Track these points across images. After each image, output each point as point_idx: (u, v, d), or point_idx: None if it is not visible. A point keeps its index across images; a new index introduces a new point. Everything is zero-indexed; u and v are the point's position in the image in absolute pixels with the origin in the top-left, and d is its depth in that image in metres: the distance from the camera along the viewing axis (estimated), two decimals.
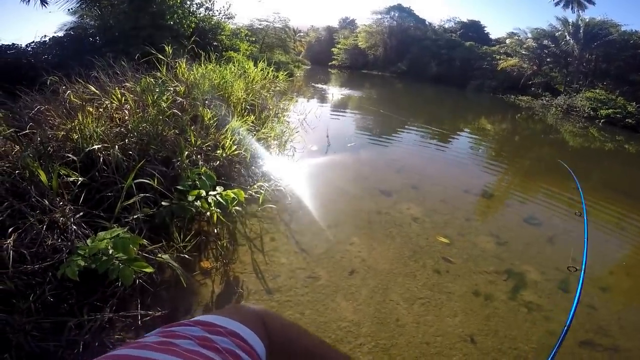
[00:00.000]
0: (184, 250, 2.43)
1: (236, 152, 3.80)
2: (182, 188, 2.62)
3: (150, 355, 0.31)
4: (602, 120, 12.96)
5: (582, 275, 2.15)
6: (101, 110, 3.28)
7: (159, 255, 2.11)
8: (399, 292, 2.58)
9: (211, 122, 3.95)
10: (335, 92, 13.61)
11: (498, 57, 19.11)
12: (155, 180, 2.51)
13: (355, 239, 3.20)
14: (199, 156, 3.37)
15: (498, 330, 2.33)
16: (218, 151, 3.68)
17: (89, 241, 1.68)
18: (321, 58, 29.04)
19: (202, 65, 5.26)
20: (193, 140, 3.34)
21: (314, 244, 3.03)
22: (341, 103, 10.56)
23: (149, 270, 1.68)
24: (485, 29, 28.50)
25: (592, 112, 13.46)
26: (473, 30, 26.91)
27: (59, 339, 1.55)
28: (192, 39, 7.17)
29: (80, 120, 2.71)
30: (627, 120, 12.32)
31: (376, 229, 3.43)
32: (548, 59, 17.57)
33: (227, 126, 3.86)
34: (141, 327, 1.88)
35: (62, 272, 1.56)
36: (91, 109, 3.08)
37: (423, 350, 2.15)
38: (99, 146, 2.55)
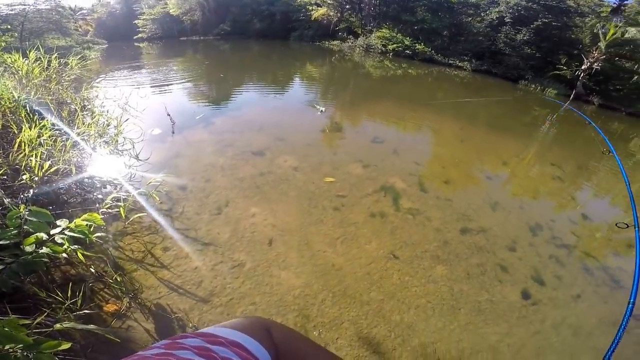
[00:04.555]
0: (78, 306, 1.85)
1: (54, 169, 2.75)
2: (5, 242, 1.75)
3: None
4: (391, 54, 16.84)
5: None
6: None
7: (57, 326, 1.57)
8: (319, 241, 2.81)
9: None
10: (153, 65, 11.46)
11: (311, 8, 20.72)
12: None
13: (254, 209, 3.12)
14: None
15: (405, 241, 2.94)
16: (24, 176, 2.56)
17: None
18: (121, 33, 23.46)
19: None
20: None
21: (216, 232, 2.77)
22: (166, 76, 9.04)
23: (66, 346, 1.27)
24: None
25: (383, 48, 17.23)
26: None
27: None
28: None
29: None
30: (406, 51, 16.54)
31: (267, 190, 3.44)
32: (347, 6, 20.53)
33: (17, 140, 2.68)
34: None
35: None
36: None
37: (368, 280, 2.50)
38: None
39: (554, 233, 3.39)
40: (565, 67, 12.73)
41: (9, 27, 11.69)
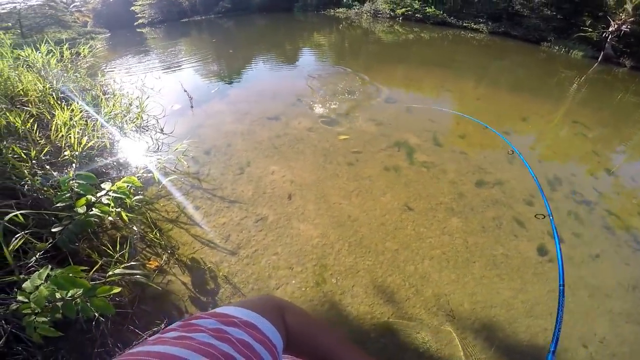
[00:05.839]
0: (125, 260, 2.03)
1: (90, 144, 2.98)
2: (63, 203, 1.97)
3: (168, 351, 0.32)
4: (400, 18, 16.07)
5: None
6: None
7: (110, 273, 1.76)
8: (335, 194, 2.94)
9: (28, 125, 2.85)
10: (160, 48, 11.51)
11: None
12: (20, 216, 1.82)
13: (273, 167, 3.29)
14: (44, 169, 2.49)
15: (420, 193, 3.00)
16: (66, 153, 2.79)
17: (20, 297, 1.30)
18: (120, 21, 23.28)
19: None
20: (26, 154, 2.41)
21: (240, 191, 2.97)
22: (176, 57, 9.10)
23: (117, 290, 1.45)
24: None
25: (391, 13, 16.42)
26: None
27: None
28: None
29: None
30: (416, 15, 15.72)
31: (285, 150, 3.59)
32: None
33: (53, 123, 2.90)
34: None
35: (37, 337, 1.28)
36: None
37: (383, 230, 2.59)
38: None
39: (575, 188, 3.28)
40: (590, 29, 11.77)
41: (9, 25, 11.79)
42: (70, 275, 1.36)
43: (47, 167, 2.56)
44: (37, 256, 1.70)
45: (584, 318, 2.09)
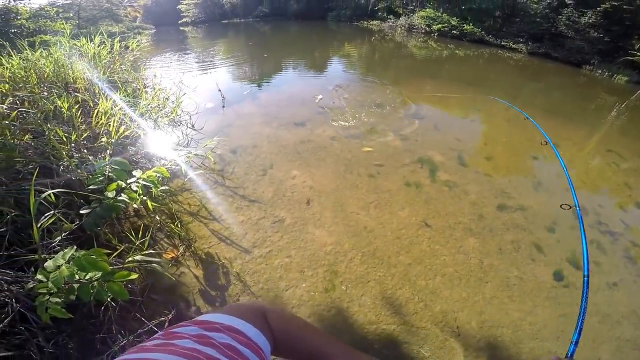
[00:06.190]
0: (144, 248, 2.12)
1: (127, 132, 3.18)
2: (95, 186, 2.11)
3: (149, 356, 0.31)
4: (436, 34, 15.97)
5: None
6: None
7: (129, 259, 1.81)
8: (353, 204, 2.96)
9: (73, 111, 3.11)
10: (200, 46, 12.10)
11: None
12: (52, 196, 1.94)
13: (294, 172, 3.36)
14: (81, 152, 2.69)
15: (439, 211, 2.97)
16: (103, 139, 3.00)
17: (39, 276, 1.33)
18: (167, 19, 24.72)
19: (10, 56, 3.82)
20: (67, 137, 2.61)
21: (261, 191, 3.05)
22: (214, 57, 9.53)
23: (134, 276, 1.46)
24: None
25: (427, 28, 16.34)
26: None
27: None
28: None
29: None
30: (452, 32, 15.57)
31: (307, 157, 3.66)
32: None
33: (94, 111, 3.12)
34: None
35: (46, 317, 1.29)
36: None
37: (398, 244, 2.58)
38: None
39: (601, 219, 3.15)
40: (639, 54, 11.14)
41: (70, 15, 12.70)
42: (94, 257, 1.39)
43: (84, 151, 2.77)
44: (62, 236, 1.75)
45: (591, 343, 2.07)
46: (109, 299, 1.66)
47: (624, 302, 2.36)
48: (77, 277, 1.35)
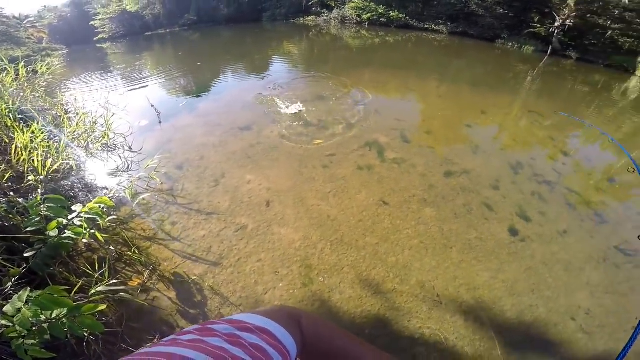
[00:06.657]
0: (105, 280, 1.96)
1: (55, 166, 2.86)
2: (33, 227, 1.90)
3: (179, 352, 0.32)
4: (366, 23, 16.64)
5: None
6: None
7: (92, 292, 1.73)
8: (312, 196, 3.01)
9: None
10: (123, 63, 11.17)
11: None
12: None
13: (248, 176, 3.31)
14: (8, 196, 2.36)
15: (393, 188, 3.13)
16: (30, 178, 2.66)
17: (3, 322, 1.28)
18: (79, 37, 22.30)
19: None
20: None
21: (217, 202, 2.96)
22: (141, 72, 8.87)
23: (102, 307, 1.41)
24: None
25: (358, 18, 17.01)
26: None
27: None
28: None
29: None
30: (381, 19, 16.41)
31: (259, 159, 3.62)
32: None
33: (12, 147, 2.76)
34: None
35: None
36: None
37: (362, 227, 2.68)
38: None
39: (535, 170, 3.53)
40: (539, 25, 12.82)
41: None
42: (52, 295, 1.33)
43: (11, 193, 2.44)
44: (12, 282, 1.63)
45: (565, 292, 2.24)
46: (86, 334, 1.60)
47: (579, 248, 2.60)
48: (42, 317, 1.30)
